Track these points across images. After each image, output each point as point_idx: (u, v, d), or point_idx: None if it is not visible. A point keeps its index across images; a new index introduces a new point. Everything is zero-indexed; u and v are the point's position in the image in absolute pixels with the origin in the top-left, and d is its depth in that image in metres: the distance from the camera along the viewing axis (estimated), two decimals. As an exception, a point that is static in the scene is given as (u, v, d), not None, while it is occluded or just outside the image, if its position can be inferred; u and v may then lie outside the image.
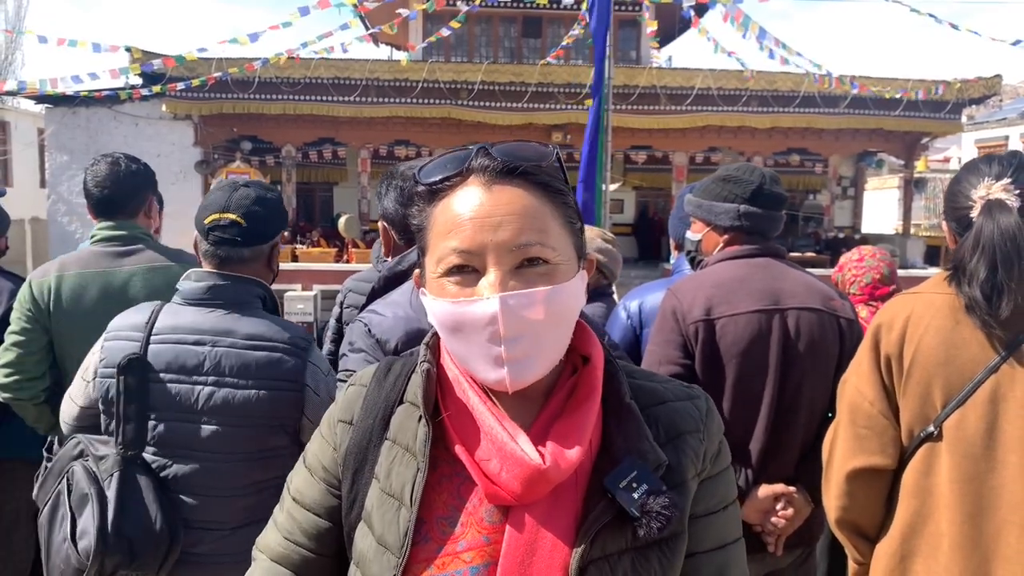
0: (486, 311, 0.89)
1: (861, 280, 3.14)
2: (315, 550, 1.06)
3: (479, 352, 0.92)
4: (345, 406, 1.07)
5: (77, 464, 1.84)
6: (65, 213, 16.83)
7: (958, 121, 18.38)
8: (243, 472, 1.92)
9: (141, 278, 2.58)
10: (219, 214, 2.01)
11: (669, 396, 1.04)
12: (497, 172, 0.94)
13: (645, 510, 0.90)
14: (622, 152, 18.26)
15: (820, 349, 2.23)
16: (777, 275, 2.27)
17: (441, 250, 0.94)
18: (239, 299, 1.98)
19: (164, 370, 1.88)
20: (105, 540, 1.73)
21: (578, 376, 1.00)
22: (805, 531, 2.25)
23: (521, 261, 0.91)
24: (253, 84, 15.87)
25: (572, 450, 0.91)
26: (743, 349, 2.16)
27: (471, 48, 20.07)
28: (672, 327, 2.20)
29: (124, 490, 1.79)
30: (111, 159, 2.77)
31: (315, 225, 18.88)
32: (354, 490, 1.01)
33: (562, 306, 0.93)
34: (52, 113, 16.96)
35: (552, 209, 0.95)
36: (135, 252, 2.64)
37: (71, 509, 1.79)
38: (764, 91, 16.97)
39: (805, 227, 20.69)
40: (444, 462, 0.96)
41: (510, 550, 0.90)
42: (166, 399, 1.88)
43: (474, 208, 0.92)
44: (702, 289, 2.23)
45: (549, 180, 0.96)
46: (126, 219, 2.71)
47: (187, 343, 1.90)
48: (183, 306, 1.97)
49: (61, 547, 1.77)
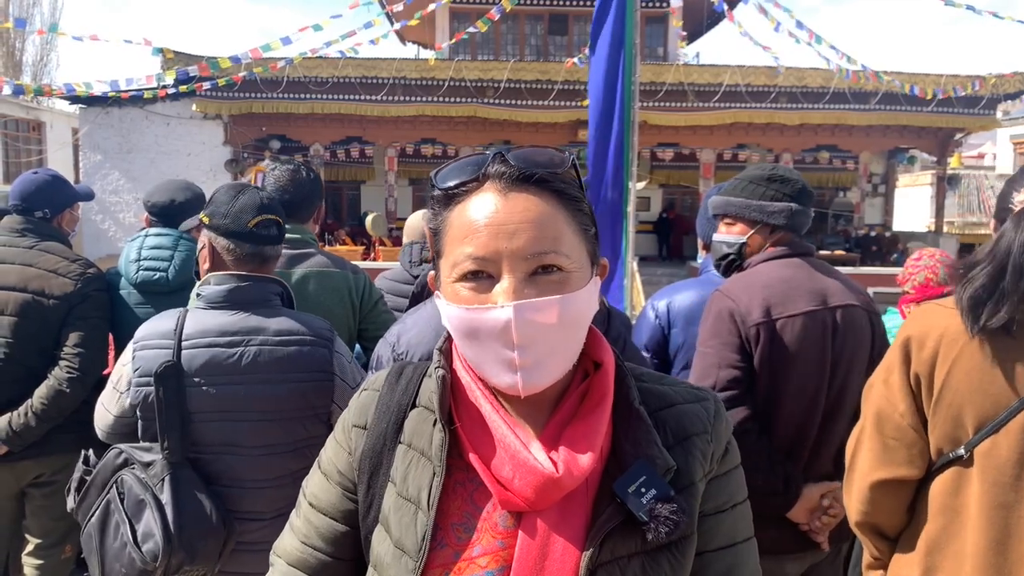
0: (500, 318, 0.90)
1: (915, 279, 3.11)
2: (332, 554, 1.06)
3: (493, 357, 0.92)
4: (359, 411, 1.08)
5: (126, 473, 1.90)
6: (98, 212, 17.14)
7: (993, 116, 18.04)
8: (282, 463, 1.98)
9: (314, 281, 2.69)
10: (264, 216, 2.07)
11: (678, 399, 1.04)
12: (513, 179, 0.94)
13: (654, 515, 0.90)
14: (648, 149, 18.17)
15: (861, 346, 2.25)
16: (815, 274, 2.29)
17: (456, 255, 0.94)
18: (261, 299, 2.04)
19: (199, 373, 1.93)
20: (170, 540, 1.80)
21: (589, 381, 1.00)
22: (844, 525, 2.25)
23: (535, 268, 0.92)
24: (282, 84, 16.04)
25: (584, 456, 0.92)
26: (801, 349, 2.16)
27: (497, 46, 20.10)
28: (730, 329, 2.18)
29: (177, 492, 1.86)
30: (292, 167, 2.83)
31: (343, 224, 19.04)
32: (370, 494, 1.02)
33: (575, 313, 0.94)
34: (86, 113, 17.29)
35: (567, 216, 0.95)
36: (307, 256, 2.73)
37: (127, 516, 1.85)
38: (793, 87, 16.79)
39: (835, 225, 20.45)
40: (458, 469, 0.97)
41: (523, 555, 0.91)
42: (205, 401, 1.93)
43: (489, 215, 0.92)
44: (756, 290, 2.21)
45: (565, 187, 0.96)
46: (299, 223, 2.79)
47: (220, 345, 1.95)
48: (206, 310, 2.01)
49: (122, 553, 1.83)
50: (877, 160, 20.91)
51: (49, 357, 2.68)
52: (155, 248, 2.85)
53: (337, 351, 2.07)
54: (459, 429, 0.96)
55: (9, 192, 2.89)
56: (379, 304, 2.84)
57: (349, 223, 18.78)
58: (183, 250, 2.86)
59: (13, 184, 2.93)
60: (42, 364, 2.68)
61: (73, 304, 2.69)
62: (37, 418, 2.62)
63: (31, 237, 2.78)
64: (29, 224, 2.81)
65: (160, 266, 2.81)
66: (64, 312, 2.68)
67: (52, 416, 2.65)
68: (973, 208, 25.18)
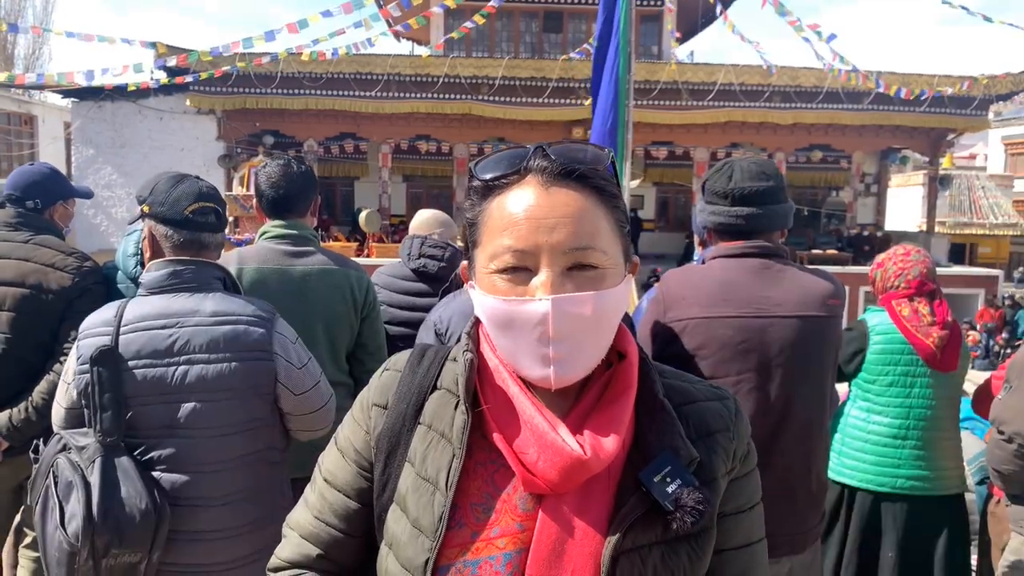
0: (537, 311, 0.91)
1: (909, 273, 3.04)
2: (344, 530, 1.08)
3: (527, 350, 0.93)
4: (380, 390, 1.08)
5: (61, 457, 1.91)
6: (91, 206, 17.05)
7: (985, 117, 18.12)
8: (226, 446, 1.98)
9: (316, 278, 2.70)
10: (202, 203, 2.11)
11: (700, 396, 1.05)
12: (554, 174, 0.95)
13: (679, 504, 0.92)
14: (642, 148, 18.20)
15: (809, 357, 2.12)
16: (763, 280, 2.17)
17: (495, 247, 0.95)
18: (201, 281, 2.07)
19: (135, 357, 1.94)
20: (91, 521, 1.79)
21: (613, 371, 1.01)
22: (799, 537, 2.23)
23: (573, 264, 0.93)
24: (275, 79, 15.99)
25: (609, 440, 0.93)
26: (717, 353, 2.11)
27: (492, 43, 20.09)
28: (654, 317, 2.21)
29: (106, 474, 1.85)
30: (283, 161, 2.84)
31: (336, 220, 19.00)
32: (386, 473, 1.03)
33: (610, 309, 0.95)
34: (78, 107, 17.20)
35: (605, 212, 0.97)
36: (307, 253, 2.74)
37: (59, 499, 1.85)
38: (787, 86, 16.83)
39: (827, 224, 20.51)
40: (479, 449, 0.98)
41: (542, 537, 0.92)
42: (141, 384, 1.94)
43: (530, 208, 0.93)
44: (686, 288, 2.19)
45: (604, 184, 0.97)
46: (296, 218, 2.80)
47: (155, 328, 1.97)
48: (148, 296, 2.05)
49: (54, 535, 1.84)
50: (870, 160, 20.99)
51: (47, 352, 2.68)
52: None
53: (278, 331, 2.07)
54: (485, 411, 0.97)
55: (4, 184, 2.89)
56: (376, 310, 2.84)
57: (343, 219, 18.73)
58: None
59: (9, 176, 2.93)
60: (40, 359, 2.68)
61: (71, 298, 2.69)
62: (37, 413, 2.62)
63: (26, 231, 2.77)
64: (22, 217, 2.80)
65: None
66: (62, 306, 2.67)
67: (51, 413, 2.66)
68: (964, 208, 25.29)
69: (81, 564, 1.80)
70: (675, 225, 22.38)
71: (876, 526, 2.95)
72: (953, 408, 3.02)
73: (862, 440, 3.00)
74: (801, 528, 2.21)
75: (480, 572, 0.92)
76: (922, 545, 2.92)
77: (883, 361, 2.97)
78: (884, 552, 2.92)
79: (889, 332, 2.97)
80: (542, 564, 0.91)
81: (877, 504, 2.95)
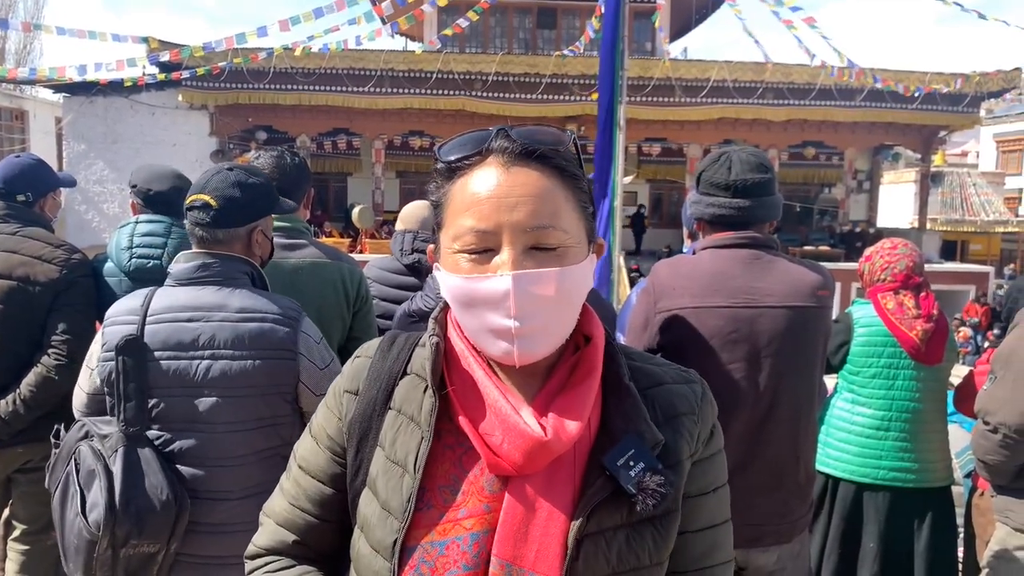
0: (499, 287, 0.92)
1: (895, 267, 3.05)
2: (319, 515, 1.09)
3: (490, 327, 0.95)
4: (352, 377, 1.10)
5: (83, 444, 1.91)
6: (82, 202, 17.01)
7: (976, 115, 18.21)
8: (245, 442, 1.98)
9: (308, 272, 2.68)
10: (196, 195, 2.08)
11: (667, 379, 1.07)
12: (516, 154, 0.96)
13: (641, 487, 0.93)
14: (636, 144, 18.22)
15: (798, 348, 2.16)
16: (753, 271, 2.18)
17: (458, 227, 0.96)
18: (228, 275, 2.05)
19: (161, 348, 1.94)
20: (113, 511, 1.80)
21: (580, 354, 1.02)
22: (807, 519, 2.28)
23: (535, 243, 0.94)
24: (268, 74, 15.95)
25: (572, 423, 0.95)
26: (708, 343, 2.13)
27: (486, 39, 20.07)
28: (645, 307, 2.23)
29: (128, 464, 1.86)
30: (276, 153, 2.81)
31: (330, 215, 18.97)
32: (359, 458, 1.04)
33: (572, 287, 0.96)
34: (70, 102, 17.12)
35: (567, 193, 0.98)
36: (300, 247, 2.72)
37: (80, 486, 1.86)
38: (780, 83, 16.88)
39: (820, 220, 20.59)
40: (447, 433, 0.99)
41: (508, 517, 0.93)
42: (165, 376, 1.94)
43: (492, 188, 0.95)
44: (678, 277, 2.21)
45: (565, 164, 0.99)
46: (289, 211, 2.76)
47: (181, 320, 1.96)
48: (175, 287, 2.04)
49: (74, 522, 1.84)
50: (862, 157, 21.05)
51: (36, 344, 2.67)
52: (148, 235, 2.84)
53: (303, 331, 2.06)
54: (451, 393, 0.99)
55: None
56: (368, 304, 2.84)
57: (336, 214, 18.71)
58: (176, 237, 2.85)
59: None
60: (29, 351, 2.67)
61: (59, 291, 2.68)
62: (26, 406, 2.62)
63: (13, 223, 2.76)
64: (11, 209, 2.79)
65: (154, 253, 2.80)
66: (50, 299, 2.67)
67: (40, 403, 2.65)
68: (956, 205, 25.41)
69: (100, 553, 1.81)
70: (668, 222, 22.40)
71: (859, 517, 2.97)
72: (939, 401, 3.04)
73: (846, 431, 3.02)
74: (789, 517, 2.23)
75: (447, 552, 0.94)
76: (904, 536, 2.94)
77: (867, 353, 2.99)
78: (866, 543, 2.94)
79: (873, 324, 2.99)
80: (508, 544, 0.93)
81: (860, 495, 2.97)
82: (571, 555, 0.92)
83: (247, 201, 2.11)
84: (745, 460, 2.15)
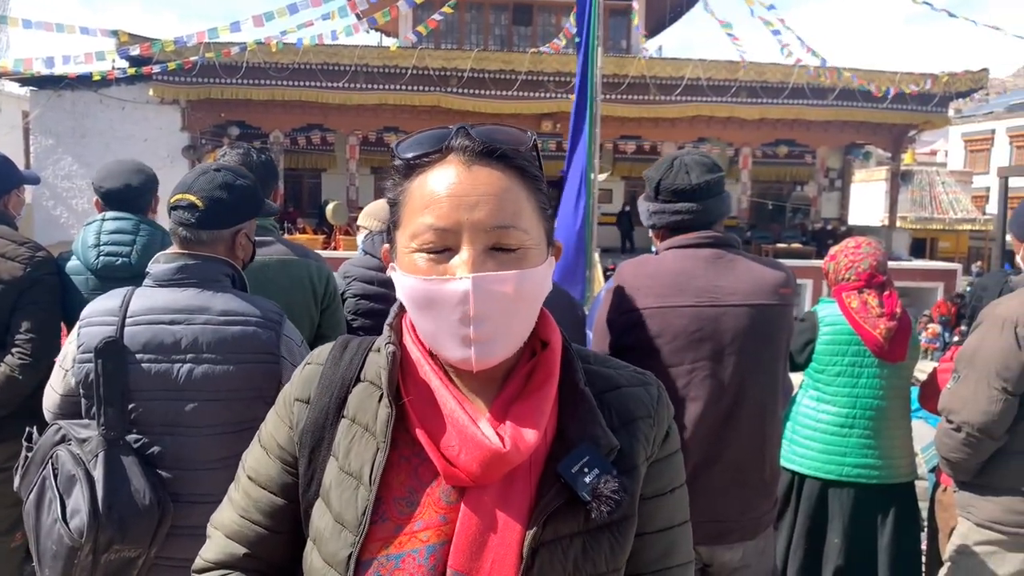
0: (458, 289, 0.90)
1: (859, 266, 3.08)
2: (270, 527, 1.06)
3: (447, 330, 0.92)
4: (302, 384, 1.06)
5: (61, 449, 1.87)
6: (50, 198, 16.71)
7: (945, 114, 18.50)
8: (227, 445, 1.96)
9: (274, 270, 2.64)
10: (181, 195, 2.03)
11: (623, 382, 1.05)
12: (476, 153, 0.94)
13: (596, 494, 0.92)
14: (611, 142, 18.28)
15: (763, 345, 2.19)
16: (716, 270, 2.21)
17: (416, 226, 0.94)
18: (209, 277, 2.01)
19: (142, 351, 1.91)
20: (97, 517, 1.77)
21: (536, 360, 1.00)
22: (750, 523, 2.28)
23: (495, 243, 0.92)
24: (241, 69, 15.77)
25: (530, 432, 0.93)
26: (673, 341, 2.15)
27: (461, 35, 20.00)
28: (611, 308, 2.26)
29: (110, 469, 1.82)
30: (242, 150, 2.76)
31: (304, 212, 18.82)
32: (311, 468, 1.01)
33: (531, 289, 0.95)
34: (37, 96, 16.81)
35: (527, 194, 0.96)
36: (266, 244, 2.68)
37: (59, 492, 1.82)
38: (753, 82, 17.01)
39: (792, 218, 20.79)
40: (403, 443, 0.96)
41: (464, 528, 0.92)
42: (145, 379, 1.91)
43: (452, 186, 0.93)
44: (642, 278, 2.24)
45: (526, 165, 0.97)
46: (273, 214, 2.73)
47: (163, 323, 1.93)
48: (155, 288, 2.00)
49: (52, 528, 1.80)
50: (834, 155, 21.29)
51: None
52: (115, 232, 2.79)
53: (285, 334, 2.04)
54: (407, 404, 0.96)
55: None
56: (336, 301, 2.81)
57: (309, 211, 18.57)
58: (144, 234, 2.80)
59: None
60: None
61: (23, 289, 2.64)
62: None
63: None
64: None
65: (122, 251, 2.75)
66: (14, 297, 2.62)
67: (4, 403, 2.60)
68: (925, 203, 25.79)
69: (82, 560, 1.78)
70: (643, 219, 22.51)
71: (824, 513, 3.01)
72: (902, 398, 3.08)
73: (811, 428, 3.05)
74: (754, 514, 2.25)
75: (403, 565, 0.92)
76: (868, 532, 2.98)
77: (831, 351, 3.03)
78: (831, 538, 2.98)
79: (837, 323, 3.03)
80: (464, 556, 0.91)
81: (825, 491, 3.00)
82: (526, 564, 0.90)
83: (233, 203, 2.07)
84: (710, 457, 2.16)
